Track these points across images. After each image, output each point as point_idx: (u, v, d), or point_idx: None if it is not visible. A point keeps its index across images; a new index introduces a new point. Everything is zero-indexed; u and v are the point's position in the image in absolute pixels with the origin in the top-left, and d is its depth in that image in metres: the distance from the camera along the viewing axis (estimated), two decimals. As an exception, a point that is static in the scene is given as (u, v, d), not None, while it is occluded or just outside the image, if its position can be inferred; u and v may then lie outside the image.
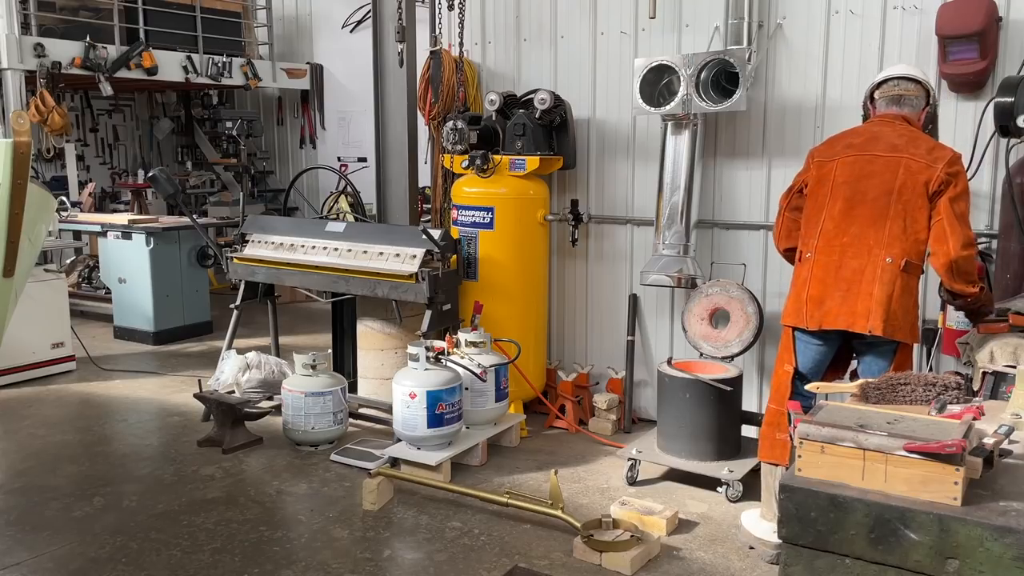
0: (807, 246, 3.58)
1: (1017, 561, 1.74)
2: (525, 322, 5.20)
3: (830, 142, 3.67)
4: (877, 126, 3.56)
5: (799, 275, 3.61)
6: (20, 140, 3.54)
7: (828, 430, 1.99)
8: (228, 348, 5.57)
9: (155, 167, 7.86)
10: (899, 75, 3.57)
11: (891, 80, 3.57)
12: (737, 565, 3.59)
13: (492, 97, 5.22)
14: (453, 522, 3.97)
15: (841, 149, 3.55)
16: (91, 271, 8.58)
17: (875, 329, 3.35)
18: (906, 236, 3.38)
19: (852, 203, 3.46)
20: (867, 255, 3.41)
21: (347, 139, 10.08)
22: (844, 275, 3.44)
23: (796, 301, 3.57)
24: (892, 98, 3.56)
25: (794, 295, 3.61)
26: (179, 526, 3.96)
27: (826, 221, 3.51)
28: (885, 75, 3.61)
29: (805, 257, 3.57)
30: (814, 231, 3.55)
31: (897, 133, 3.49)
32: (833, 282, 3.46)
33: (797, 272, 3.64)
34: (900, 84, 3.55)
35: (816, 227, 3.54)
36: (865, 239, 3.43)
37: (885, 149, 3.45)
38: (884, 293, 3.36)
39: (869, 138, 3.52)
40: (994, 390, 2.81)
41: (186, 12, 8.99)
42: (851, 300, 3.41)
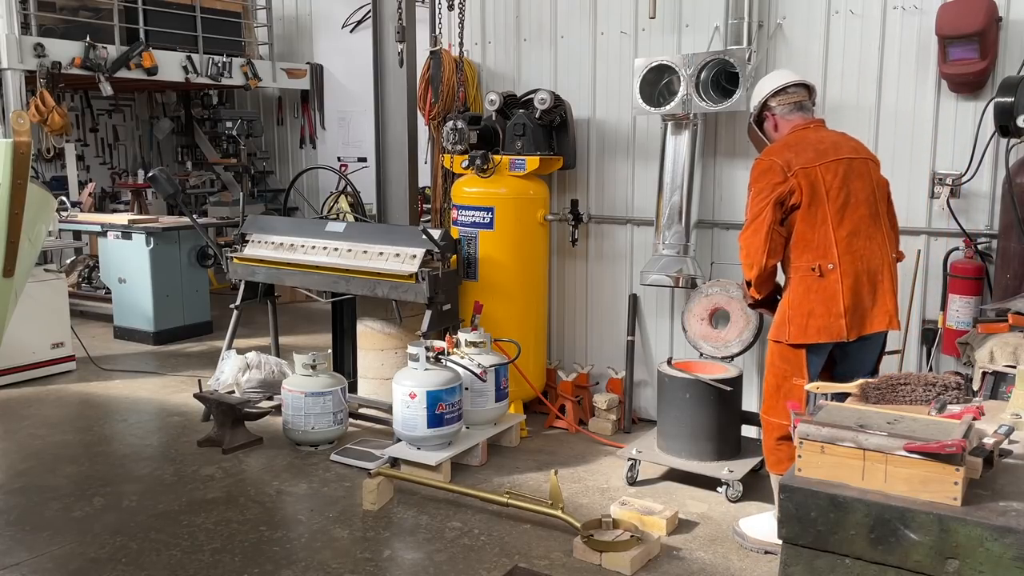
0: (824, 258, 3.46)
1: (1017, 561, 1.74)
2: (525, 322, 5.20)
3: (790, 150, 3.54)
4: (822, 132, 3.66)
5: (822, 290, 3.46)
6: (20, 140, 3.55)
7: (828, 430, 1.99)
8: (228, 348, 5.57)
9: (155, 167, 7.87)
10: (796, 82, 3.68)
11: (789, 88, 3.67)
12: (737, 565, 3.60)
13: (492, 97, 5.22)
14: (453, 522, 3.97)
15: (814, 156, 3.50)
16: (91, 271, 8.58)
17: (896, 325, 3.53)
18: (892, 231, 3.64)
19: (853, 206, 3.49)
20: (880, 255, 3.53)
21: (347, 139, 10.08)
22: (870, 279, 3.49)
23: (828, 316, 3.44)
24: (796, 104, 3.66)
25: (822, 311, 3.46)
26: (179, 526, 3.96)
27: (837, 230, 3.48)
28: (783, 83, 3.68)
29: (826, 270, 3.45)
30: (827, 241, 3.47)
31: (842, 136, 3.67)
32: (862, 288, 3.48)
33: (816, 287, 3.47)
34: (797, 91, 3.67)
35: (827, 237, 3.47)
36: (875, 239, 3.52)
37: (850, 152, 3.58)
38: (895, 288, 3.55)
39: (831, 144, 3.57)
40: (994, 390, 2.81)
41: (186, 12, 8.99)
42: (881, 301, 3.50)
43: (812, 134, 3.62)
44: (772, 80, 3.75)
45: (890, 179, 4.46)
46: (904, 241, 4.44)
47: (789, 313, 3.53)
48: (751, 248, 3.55)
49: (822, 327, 3.46)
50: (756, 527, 3.78)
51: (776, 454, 3.68)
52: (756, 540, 3.72)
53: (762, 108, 3.73)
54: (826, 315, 3.45)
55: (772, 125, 3.73)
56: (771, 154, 3.58)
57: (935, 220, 4.41)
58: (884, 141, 4.48)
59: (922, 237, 4.45)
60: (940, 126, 4.35)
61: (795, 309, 3.52)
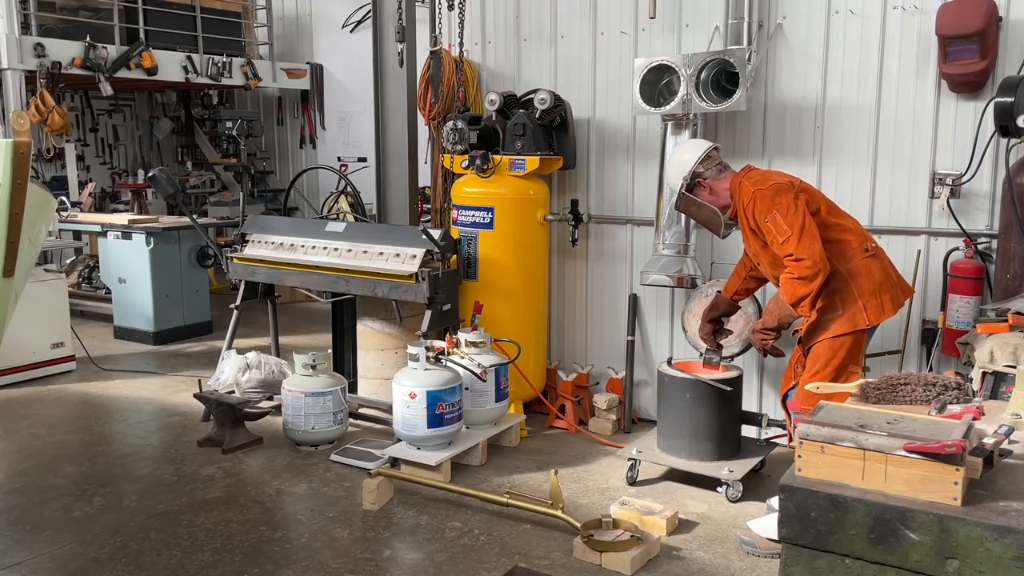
0: (867, 239, 3.83)
1: (1017, 561, 1.74)
2: (525, 322, 5.20)
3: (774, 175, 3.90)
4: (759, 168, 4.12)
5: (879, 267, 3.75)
6: (20, 140, 3.55)
7: (828, 430, 1.99)
8: (228, 348, 5.57)
9: (155, 167, 7.88)
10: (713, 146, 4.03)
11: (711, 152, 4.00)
12: (737, 565, 3.59)
13: (492, 97, 5.22)
14: (453, 522, 3.97)
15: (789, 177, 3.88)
16: (91, 271, 8.58)
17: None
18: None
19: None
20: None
21: (347, 139, 10.08)
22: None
23: (892, 289, 3.75)
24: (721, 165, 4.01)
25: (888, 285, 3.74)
26: (179, 526, 3.96)
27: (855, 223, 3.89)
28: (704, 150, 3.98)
29: (875, 248, 3.80)
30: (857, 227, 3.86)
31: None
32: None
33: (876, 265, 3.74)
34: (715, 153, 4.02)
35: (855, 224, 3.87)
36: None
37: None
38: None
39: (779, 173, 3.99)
40: (994, 390, 2.81)
41: (186, 12, 8.99)
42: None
43: (761, 170, 4.02)
44: (691, 151, 4.03)
45: (890, 179, 4.52)
46: (904, 241, 4.49)
47: (862, 300, 3.69)
48: (815, 255, 3.61)
49: (893, 299, 3.75)
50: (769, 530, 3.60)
51: None
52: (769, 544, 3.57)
53: (692, 178, 3.97)
54: (893, 287, 3.76)
55: (707, 191, 3.98)
56: (768, 180, 3.81)
57: (935, 220, 4.41)
58: (884, 141, 4.49)
59: (922, 237, 4.45)
60: (940, 126, 4.35)
61: (866, 294, 3.70)
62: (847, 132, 4.55)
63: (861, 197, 4.51)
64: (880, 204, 4.53)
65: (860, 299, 3.68)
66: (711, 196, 3.98)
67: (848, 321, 3.68)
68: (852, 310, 3.69)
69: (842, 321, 3.69)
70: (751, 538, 3.69)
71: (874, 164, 4.52)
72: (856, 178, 4.55)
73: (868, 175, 4.55)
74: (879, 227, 4.49)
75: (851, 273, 3.70)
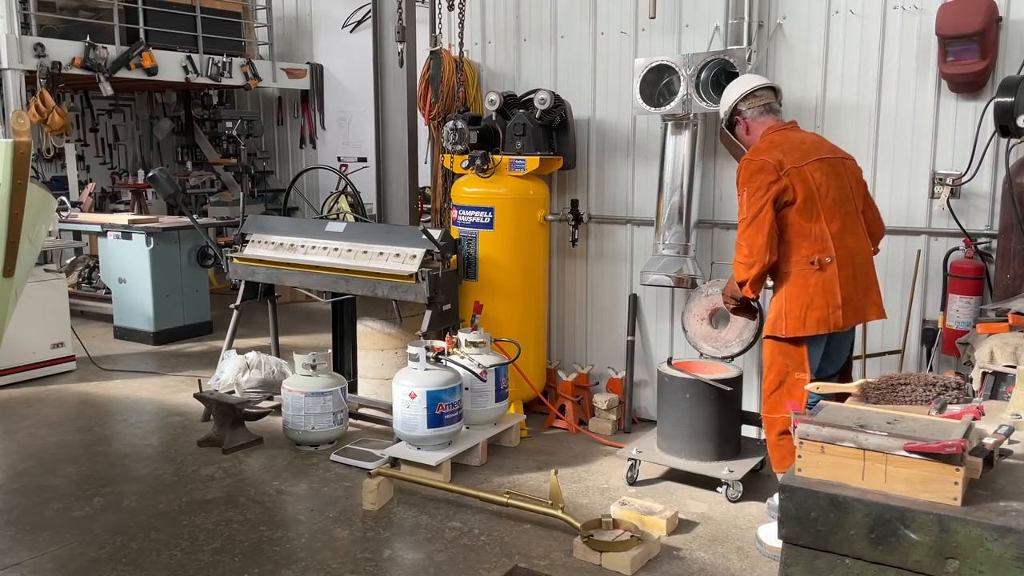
0: (822, 252, 3.56)
1: (1017, 561, 1.74)
2: (525, 322, 5.20)
3: (777, 149, 3.62)
4: (800, 132, 3.79)
5: (821, 282, 3.55)
6: (20, 140, 3.55)
7: (828, 430, 1.99)
8: (228, 348, 5.57)
9: (155, 167, 7.88)
10: (763, 85, 3.81)
11: (758, 91, 3.76)
12: (737, 565, 3.59)
13: (492, 97, 5.22)
14: (453, 522, 3.97)
15: (800, 156, 3.61)
16: (91, 271, 8.58)
17: (885, 314, 3.70)
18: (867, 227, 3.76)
19: (839, 203, 3.65)
20: (864, 249, 3.69)
21: (347, 139, 10.08)
22: (861, 272, 3.64)
23: (826, 307, 3.54)
24: (765, 107, 3.78)
25: (821, 303, 3.54)
26: (179, 526, 3.96)
27: (830, 224, 3.60)
28: (751, 86, 3.78)
29: (824, 263, 3.55)
30: (823, 235, 3.58)
31: (818, 138, 3.85)
32: (855, 280, 3.62)
33: (814, 280, 3.56)
34: (765, 94, 3.79)
35: (823, 231, 3.58)
36: (858, 234, 3.68)
37: (828, 152, 3.72)
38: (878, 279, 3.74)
39: (812, 144, 3.71)
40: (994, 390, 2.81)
41: (186, 12, 8.98)
42: (871, 293, 3.68)
43: (793, 135, 3.74)
44: (740, 85, 3.85)
45: (890, 179, 4.51)
46: (904, 241, 4.48)
47: (786, 307, 3.61)
48: (754, 246, 3.58)
49: (821, 318, 3.56)
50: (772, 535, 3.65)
51: (778, 451, 3.69)
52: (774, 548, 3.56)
53: (732, 113, 3.84)
54: (824, 307, 3.55)
55: (744, 129, 3.85)
56: (761, 154, 3.64)
57: (935, 220, 4.42)
58: (884, 141, 4.49)
59: (922, 237, 4.46)
60: (940, 126, 4.35)
61: (792, 302, 3.60)
62: (847, 132, 4.55)
63: (861, 197, 4.51)
64: (880, 204, 4.48)
65: (785, 305, 3.60)
66: (747, 136, 3.83)
67: (772, 324, 3.65)
68: (777, 314, 3.63)
69: (770, 322, 3.67)
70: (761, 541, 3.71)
71: (874, 164, 4.52)
72: (856, 178, 4.55)
73: (868, 175, 4.52)
74: (879, 227, 4.50)
75: (787, 276, 3.62)
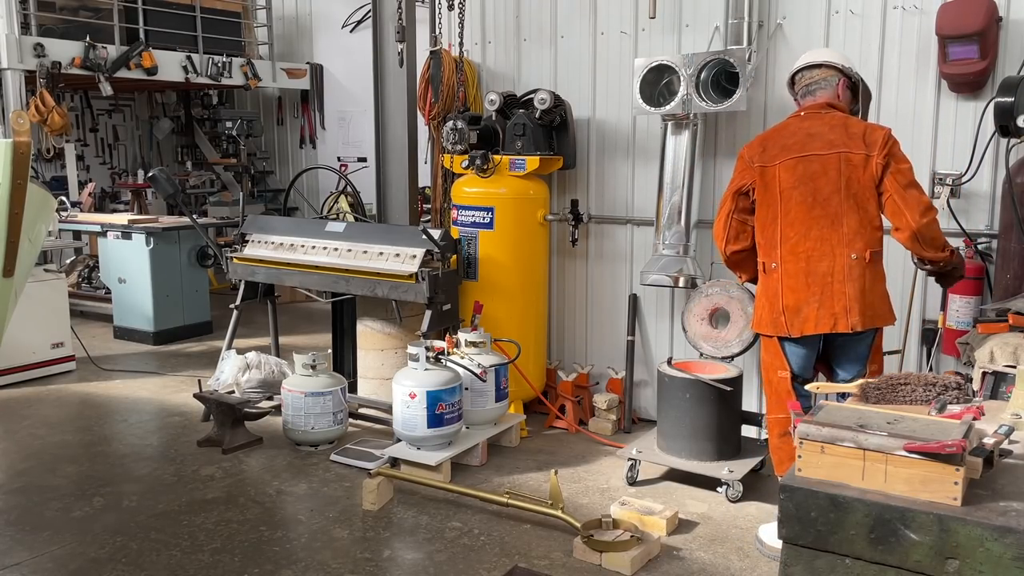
0: (770, 256, 3.59)
1: (1017, 561, 1.74)
2: (525, 322, 5.20)
3: (762, 143, 3.64)
4: (808, 121, 3.58)
5: (767, 286, 3.63)
6: (20, 140, 3.54)
7: (828, 430, 1.99)
8: (228, 348, 5.57)
9: (155, 167, 7.87)
10: (805, 64, 3.66)
11: (799, 72, 3.67)
12: (737, 565, 3.59)
13: (492, 97, 5.22)
14: (453, 522, 3.97)
15: (778, 152, 3.54)
16: (91, 271, 8.58)
17: (856, 326, 3.46)
18: (864, 229, 3.46)
19: (806, 206, 3.49)
20: (832, 256, 3.47)
21: (347, 139, 10.08)
22: (815, 281, 3.48)
23: (772, 311, 3.59)
24: (806, 89, 3.66)
25: (767, 306, 3.62)
26: (179, 526, 3.96)
27: (785, 229, 3.53)
28: (796, 67, 3.69)
29: (770, 268, 3.59)
30: (774, 240, 3.56)
31: (829, 125, 3.53)
32: (805, 289, 3.49)
33: (764, 283, 3.67)
34: (806, 74, 3.65)
35: (775, 236, 3.56)
36: (827, 241, 3.47)
37: (823, 147, 3.49)
38: (857, 289, 3.45)
39: (803, 137, 3.53)
40: (994, 390, 2.81)
41: (186, 12, 8.99)
42: (828, 303, 3.47)
43: (794, 124, 3.62)
44: (805, 58, 3.73)
45: (890, 179, 4.49)
46: (904, 241, 4.46)
47: (757, 303, 3.75)
48: (715, 232, 3.82)
49: (769, 321, 3.62)
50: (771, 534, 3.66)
51: (778, 453, 3.69)
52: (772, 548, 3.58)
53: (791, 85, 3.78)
54: (771, 310, 3.60)
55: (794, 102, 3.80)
56: (747, 145, 3.74)
57: (935, 220, 4.41)
58: (884, 141, 4.48)
59: (922, 237, 4.45)
60: (940, 126, 4.35)
61: (757, 300, 3.75)
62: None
63: (861, 197, 4.51)
64: (880, 204, 4.53)
65: (757, 301, 3.75)
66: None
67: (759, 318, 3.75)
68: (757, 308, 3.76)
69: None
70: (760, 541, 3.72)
71: (874, 164, 4.51)
72: (856, 178, 4.54)
73: (868, 175, 4.54)
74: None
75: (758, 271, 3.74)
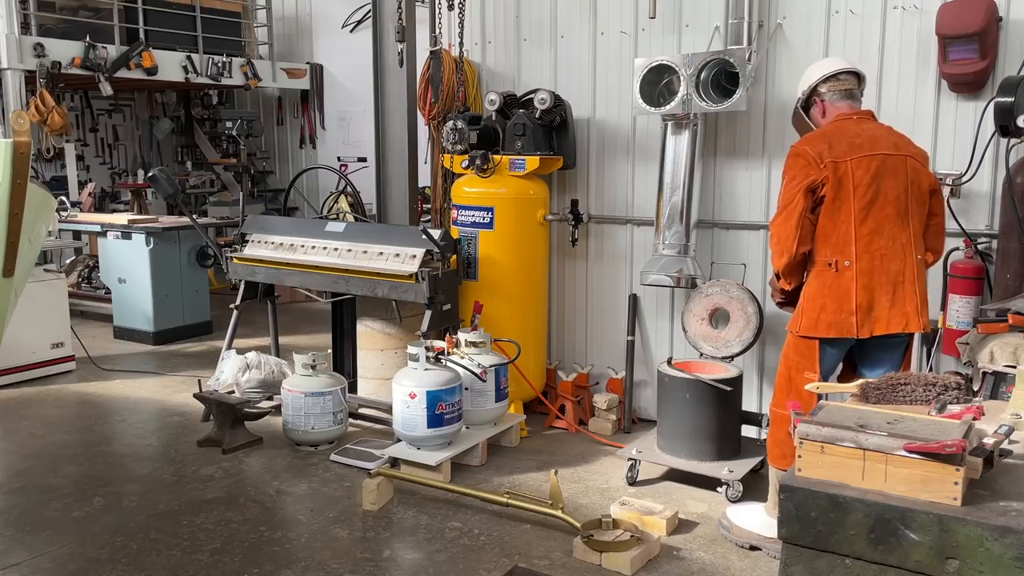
0: (842, 254, 3.45)
1: (1017, 561, 1.74)
2: (525, 322, 5.19)
3: (826, 140, 3.51)
4: (865, 124, 3.56)
5: (836, 285, 3.45)
6: (20, 140, 3.54)
7: (828, 430, 1.99)
8: (228, 348, 5.57)
9: (155, 167, 7.86)
10: (847, 69, 3.61)
11: (841, 74, 3.60)
12: (737, 565, 3.59)
13: (492, 97, 5.22)
14: (453, 522, 3.97)
15: (847, 150, 3.46)
16: (91, 271, 8.59)
17: (927, 326, 3.49)
18: (920, 233, 3.53)
19: (879, 205, 3.44)
20: (903, 256, 3.45)
21: (347, 139, 10.08)
22: (888, 279, 3.43)
23: (840, 312, 3.44)
24: (845, 92, 3.60)
25: (834, 306, 3.45)
26: (179, 526, 3.96)
27: (859, 227, 3.45)
28: (835, 69, 3.62)
29: (842, 266, 3.44)
30: (847, 238, 3.46)
31: (885, 130, 3.56)
32: (879, 288, 3.43)
33: (832, 282, 3.46)
34: (848, 79, 3.61)
35: (848, 233, 3.46)
36: (898, 240, 3.45)
37: (890, 148, 3.48)
38: (923, 291, 3.47)
39: (869, 137, 3.50)
40: (994, 390, 2.81)
41: (186, 12, 8.99)
42: (900, 303, 3.42)
43: (853, 126, 3.55)
44: (824, 66, 3.68)
45: (890, 179, 4.49)
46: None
47: (804, 305, 3.55)
48: (782, 235, 3.51)
49: (832, 322, 3.45)
50: (744, 518, 3.78)
51: (783, 447, 3.64)
52: (743, 532, 3.72)
53: (811, 93, 3.67)
54: (838, 311, 3.44)
55: (820, 111, 3.66)
56: (805, 143, 3.54)
57: (935, 220, 4.41)
58: (884, 141, 4.48)
59: (922, 237, 4.45)
60: (940, 126, 4.35)
61: (810, 302, 3.53)
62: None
63: (861, 197, 4.50)
64: (880, 204, 4.53)
65: (804, 303, 3.56)
66: (821, 119, 3.66)
67: (794, 320, 3.62)
68: (798, 311, 3.60)
69: (792, 318, 3.65)
70: (728, 523, 3.78)
71: (874, 164, 4.51)
72: (856, 178, 4.54)
73: (868, 175, 4.54)
74: (879, 227, 4.49)
75: (810, 274, 3.58)
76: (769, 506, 3.76)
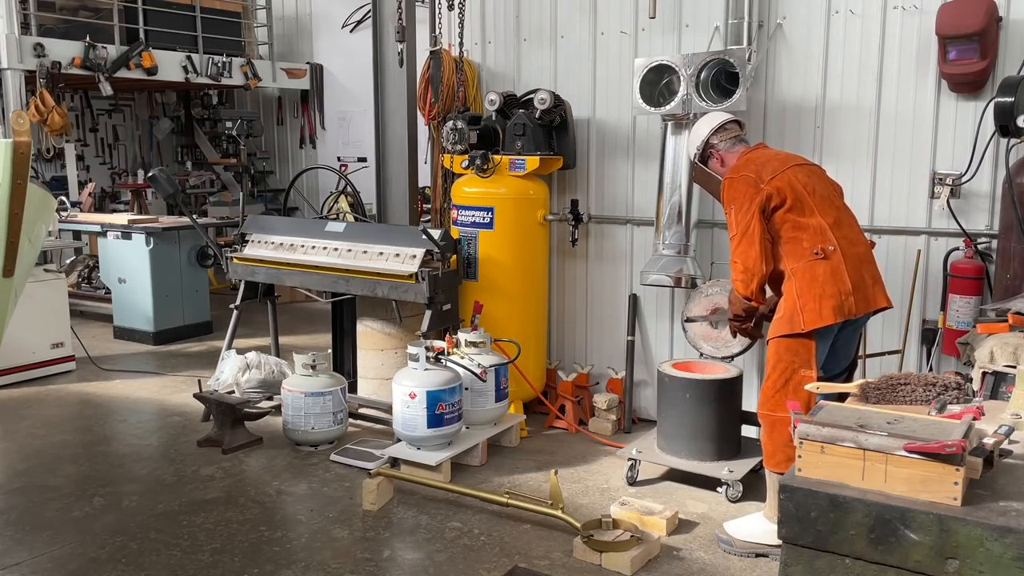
0: (825, 241, 3.60)
1: (1017, 561, 1.74)
2: (525, 322, 5.20)
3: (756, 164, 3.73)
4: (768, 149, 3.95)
5: (830, 268, 3.56)
6: (20, 140, 3.54)
7: (828, 430, 1.99)
8: (228, 348, 5.57)
9: (155, 167, 7.86)
10: (732, 119, 3.96)
11: (727, 124, 3.94)
12: (737, 565, 3.59)
13: (492, 97, 5.22)
14: (453, 522, 3.97)
15: (777, 165, 3.73)
16: (91, 271, 8.59)
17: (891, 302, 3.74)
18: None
19: (827, 201, 3.71)
20: (863, 241, 3.74)
21: (347, 139, 10.08)
22: (862, 261, 3.67)
23: (837, 295, 3.55)
24: (735, 139, 3.94)
25: (831, 291, 3.54)
26: (179, 526, 3.96)
27: (824, 217, 3.65)
28: (720, 121, 3.94)
29: (829, 252, 3.58)
30: (821, 227, 3.63)
31: (787, 152, 4.02)
32: (860, 268, 3.64)
33: (824, 268, 3.56)
34: (733, 127, 3.95)
35: (821, 224, 3.63)
36: (853, 227, 3.74)
37: (800, 160, 3.86)
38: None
39: (781, 156, 3.86)
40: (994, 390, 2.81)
41: (186, 12, 8.99)
42: (877, 280, 3.70)
43: (760, 153, 3.88)
44: (709, 120, 4.00)
45: (890, 179, 4.53)
46: (904, 241, 4.49)
47: (800, 302, 3.59)
48: (749, 260, 3.65)
49: (836, 306, 3.55)
50: (743, 529, 3.74)
51: (785, 451, 3.65)
52: (745, 543, 3.67)
53: (705, 148, 3.96)
54: (837, 294, 3.56)
55: (718, 161, 3.96)
56: (739, 171, 3.77)
57: (935, 220, 4.41)
58: (884, 141, 4.49)
59: (922, 237, 4.45)
60: (940, 126, 4.35)
61: (805, 296, 3.58)
62: (847, 132, 4.56)
63: (861, 197, 4.51)
64: (880, 204, 4.54)
65: (799, 301, 3.59)
66: (721, 168, 3.94)
67: (787, 323, 3.61)
68: (791, 311, 3.61)
69: (782, 322, 3.63)
70: (727, 537, 3.74)
71: (874, 164, 4.52)
72: (856, 178, 4.55)
73: (868, 175, 4.55)
74: (879, 227, 4.50)
75: (794, 273, 3.62)
76: (767, 510, 3.76)
